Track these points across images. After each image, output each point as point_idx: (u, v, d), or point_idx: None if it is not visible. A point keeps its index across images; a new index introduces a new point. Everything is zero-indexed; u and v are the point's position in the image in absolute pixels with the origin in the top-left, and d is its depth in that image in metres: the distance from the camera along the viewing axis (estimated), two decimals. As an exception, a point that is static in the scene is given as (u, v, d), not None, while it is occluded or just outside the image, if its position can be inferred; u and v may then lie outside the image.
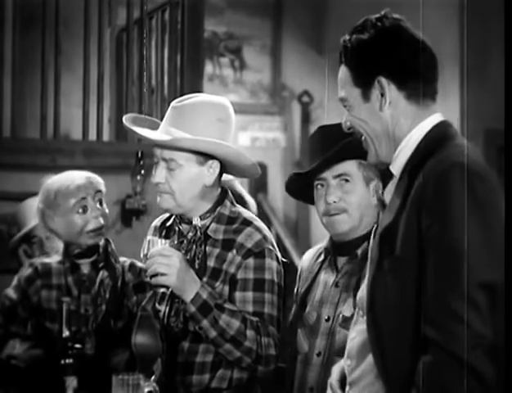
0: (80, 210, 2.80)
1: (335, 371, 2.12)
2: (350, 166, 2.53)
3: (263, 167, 7.36)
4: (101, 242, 2.85)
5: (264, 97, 8.05)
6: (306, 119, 7.98)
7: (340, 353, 2.43)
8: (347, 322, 2.45)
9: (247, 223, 2.60)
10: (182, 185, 2.55)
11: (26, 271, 2.89)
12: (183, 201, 2.57)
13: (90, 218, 2.80)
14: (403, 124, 1.93)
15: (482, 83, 5.38)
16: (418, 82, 1.92)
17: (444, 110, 1.98)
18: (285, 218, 7.51)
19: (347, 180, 2.53)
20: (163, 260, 2.44)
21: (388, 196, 1.97)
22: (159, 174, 2.56)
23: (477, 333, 1.71)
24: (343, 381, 2.06)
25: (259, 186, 7.56)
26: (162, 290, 2.60)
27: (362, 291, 1.98)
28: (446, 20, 5.29)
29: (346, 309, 2.50)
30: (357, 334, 1.99)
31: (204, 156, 2.55)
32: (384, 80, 1.92)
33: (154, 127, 2.64)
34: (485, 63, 5.69)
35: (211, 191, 2.62)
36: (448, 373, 1.72)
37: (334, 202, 2.53)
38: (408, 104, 1.93)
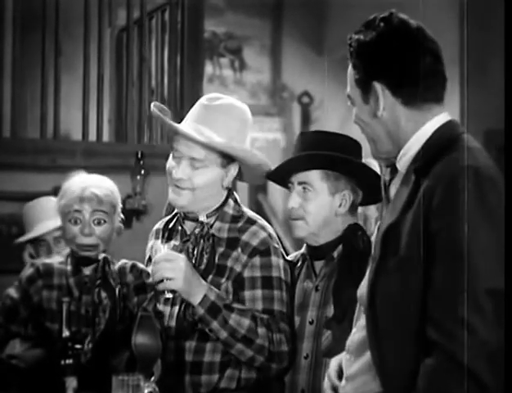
0: (72, 221, 2.80)
1: (333, 363, 2.12)
2: (313, 176, 2.58)
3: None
4: (100, 257, 2.84)
5: (264, 97, 8.05)
6: (306, 119, 7.98)
7: (327, 354, 2.48)
8: (330, 323, 2.51)
9: (251, 221, 2.62)
10: (205, 182, 2.57)
11: (28, 271, 2.89)
12: (201, 197, 2.58)
13: (79, 232, 2.78)
14: (405, 127, 1.91)
15: (482, 83, 5.38)
16: (415, 88, 1.88)
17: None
18: (285, 218, 7.51)
19: (309, 189, 2.58)
20: (169, 265, 2.44)
21: (393, 189, 1.96)
22: (183, 171, 2.56)
23: (482, 340, 1.70)
24: (340, 372, 2.06)
25: (259, 186, 7.57)
26: (169, 295, 2.59)
27: (363, 288, 1.97)
28: (446, 21, 5.29)
29: (328, 311, 2.54)
30: (357, 329, 1.99)
31: (228, 160, 2.59)
32: (378, 86, 1.89)
33: (175, 120, 2.67)
34: (485, 63, 5.69)
35: (222, 193, 2.65)
36: (450, 378, 1.71)
37: (293, 208, 2.59)
38: (406, 109, 1.90)
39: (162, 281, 2.45)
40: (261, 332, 2.48)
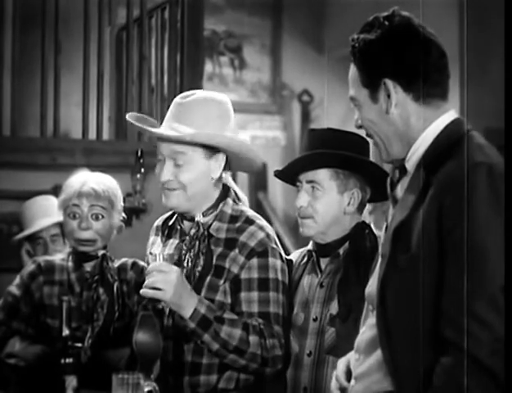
0: (71, 215, 2.82)
1: (341, 364, 2.11)
2: (322, 175, 2.57)
3: (263, 166, 7.37)
4: (99, 253, 2.85)
5: (264, 96, 8.05)
6: (306, 118, 7.98)
7: (330, 351, 2.49)
8: (334, 320, 2.51)
9: (250, 221, 2.60)
10: (192, 177, 2.55)
11: (29, 267, 2.90)
12: (192, 193, 2.56)
13: (77, 227, 2.80)
14: (414, 125, 1.92)
15: (482, 81, 5.38)
16: (425, 83, 1.89)
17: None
18: (286, 217, 7.52)
19: (317, 188, 2.57)
20: (161, 276, 2.42)
21: (400, 191, 1.96)
22: (168, 172, 2.55)
23: (498, 337, 1.71)
24: (348, 374, 2.06)
25: (259, 185, 7.57)
26: (159, 305, 2.56)
27: (371, 286, 1.97)
28: (446, 20, 5.29)
29: (333, 308, 2.53)
30: (366, 328, 1.99)
31: (211, 150, 2.56)
32: (389, 82, 1.90)
33: (155, 126, 2.65)
34: (485, 62, 5.69)
35: (214, 187, 2.62)
36: (468, 377, 1.71)
37: (302, 206, 2.59)
38: (417, 105, 1.91)
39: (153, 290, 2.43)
40: (253, 340, 2.48)
